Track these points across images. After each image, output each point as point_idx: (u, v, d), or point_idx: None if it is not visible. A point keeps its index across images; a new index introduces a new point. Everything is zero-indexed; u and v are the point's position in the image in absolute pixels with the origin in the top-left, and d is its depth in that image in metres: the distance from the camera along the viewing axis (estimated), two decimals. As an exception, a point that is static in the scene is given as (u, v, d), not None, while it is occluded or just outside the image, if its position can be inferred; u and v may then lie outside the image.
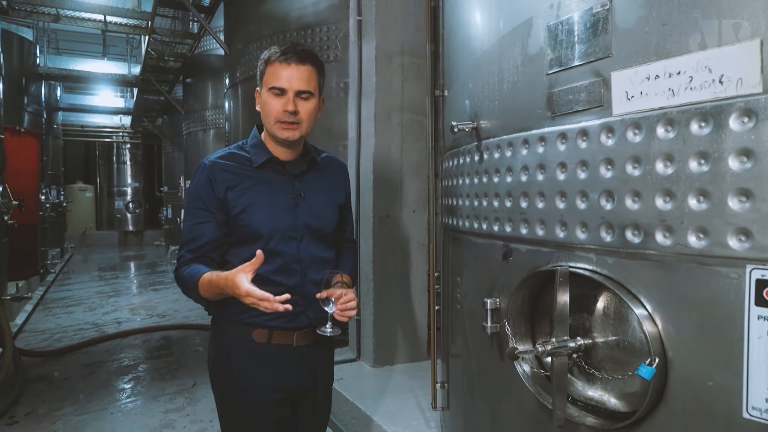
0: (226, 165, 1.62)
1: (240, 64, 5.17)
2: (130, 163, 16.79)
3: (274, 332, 1.63)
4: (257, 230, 1.57)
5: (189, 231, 1.60)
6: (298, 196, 1.64)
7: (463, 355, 2.07)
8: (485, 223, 1.77)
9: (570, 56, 1.37)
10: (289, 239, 1.61)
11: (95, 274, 10.60)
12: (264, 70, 1.60)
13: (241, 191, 1.59)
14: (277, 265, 1.59)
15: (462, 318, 2.04)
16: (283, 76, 1.54)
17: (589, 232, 1.33)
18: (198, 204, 1.59)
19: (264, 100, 1.60)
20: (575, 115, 1.37)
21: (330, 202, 1.73)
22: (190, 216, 1.61)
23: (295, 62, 1.55)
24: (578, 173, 1.35)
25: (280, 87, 1.55)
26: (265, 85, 1.58)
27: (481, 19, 1.81)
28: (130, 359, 4.91)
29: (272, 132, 1.60)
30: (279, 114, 1.56)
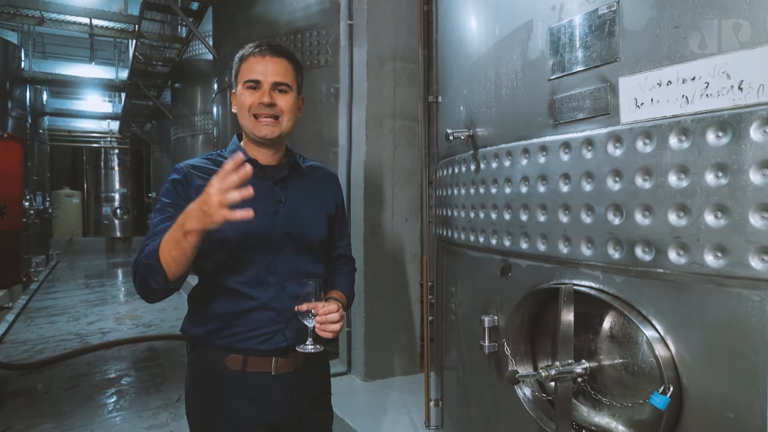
0: (200, 167, 1.50)
1: (229, 69, 5.06)
2: (118, 168, 16.58)
3: (249, 358, 1.46)
4: (226, 236, 1.41)
5: (154, 227, 1.40)
6: (278, 202, 1.51)
7: (458, 369, 1.98)
8: (482, 236, 1.68)
9: (574, 61, 1.29)
10: (263, 248, 1.47)
11: (81, 282, 10.39)
12: (239, 68, 1.50)
13: None
14: (248, 275, 1.46)
15: (457, 329, 1.95)
16: (257, 68, 1.46)
17: (595, 248, 1.24)
18: (168, 201, 1.44)
19: (239, 95, 1.49)
20: (579, 124, 1.29)
21: (316, 211, 1.59)
22: (158, 212, 1.45)
23: (269, 55, 1.47)
24: (583, 185, 1.27)
25: (255, 79, 1.45)
26: (239, 81, 1.49)
27: (477, 22, 1.73)
28: (113, 372, 4.76)
29: (250, 131, 1.48)
30: (254, 106, 1.45)
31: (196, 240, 1.24)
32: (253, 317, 1.45)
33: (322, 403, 1.66)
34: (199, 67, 8.29)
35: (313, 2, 4.30)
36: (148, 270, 1.30)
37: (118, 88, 11.08)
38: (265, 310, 1.47)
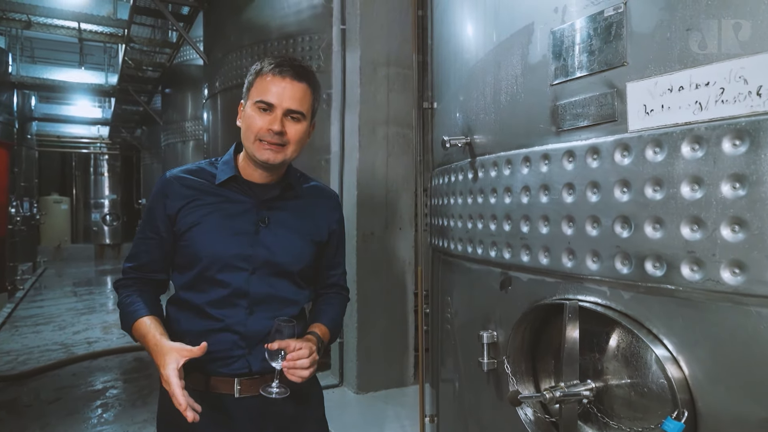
0: (187, 179, 1.43)
1: (219, 74, 5.00)
2: (108, 174, 16.40)
3: (211, 378, 1.39)
4: (197, 252, 1.37)
5: (134, 246, 1.48)
6: (261, 222, 1.42)
7: (454, 381, 1.91)
8: (480, 248, 1.61)
9: (578, 65, 1.23)
10: (235, 269, 1.39)
11: (68, 289, 10.21)
12: (253, 81, 1.39)
13: (192, 208, 1.40)
14: (216, 295, 1.39)
15: (453, 339, 1.88)
16: (273, 90, 1.34)
17: (601, 262, 1.18)
18: (148, 218, 1.45)
19: (247, 114, 1.38)
20: (584, 131, 1.23)
21: (303, 236, 1.48)
22: (139, 230, 1.48)
23: (290, 77, 1.35)
24: (588, 196, 1.20)
25: (268, 102, 1.34)
26: (251, 98, 1.38)
27: (474, 26, 1.67)
28: (99, 383, 4.64)
29: (251, 151, 1.38)
30: (262, 132, 1.35)
31: None
32: (216, 338, 1.37)
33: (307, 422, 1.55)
34: (190, 72, 8.19)
35: (305, 7, 4.24)
36: (122, 322, 1.42)
37: (107, 93, 10.94)
38: (228, 332, 1.39)
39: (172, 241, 1.42)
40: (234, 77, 4.76)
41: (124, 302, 1.42)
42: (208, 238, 1.38)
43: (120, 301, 1.43)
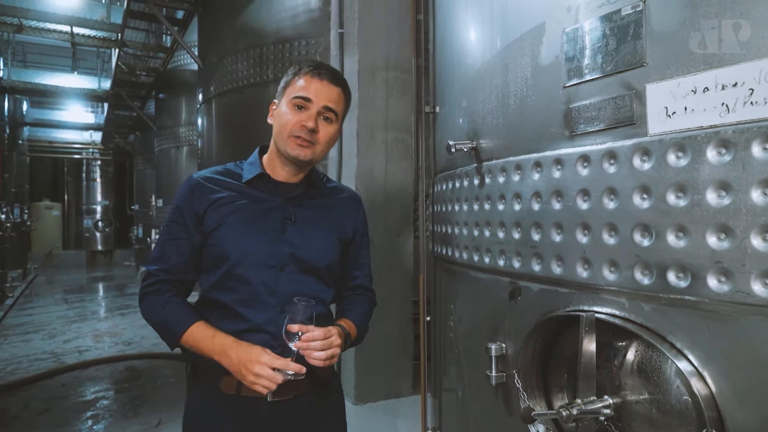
0: (213, 179, 1.46)
1: (214, 79, 4.93)
2: (101, 180, 16.26)
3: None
4: (225, 250, 1.38)
5: (161, 247, 1.44)
6: (288, 219, 1.43)
7: (457, 391, 1.85)
8: (487, 256, 1.55)
9: (593, 66, 1.18)
10: (264, 266, 1.39)
11: (59, 297, 10.05)
12: (290, 81, 1.45)
13: (219, 206, 1.41)
14: (244, 294, 1.38)
15: (456, 348, 1.82)
16: (311, 88, 1.40)
17: (619, 272, 1.12)
18: (175, 218, 1.43)
19: (281, 111, 1.43)
20: (600, 135, 1.18)
21: (328, 233, 1.50)
22: (165, 230, 1.45)
23: (327, 79, 1.42)
24: (605, 202, 1.15)
25: (306, 97, 1.40)
26: (287, 95, 1.43)
27: (480, 27, 1.62)
28: (90, 394, 4.53)
29: (283, 147, 1.42)
30: (296, 127, 1.39)
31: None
32: (247, 339, 1.34)
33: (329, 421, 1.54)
34: (184, 77, 8.13)
35: (301, 11, 4.19)
36: (164, 332, 1.37)
37: (100, 99, 10.84)
38: (259, 332, 1.37)
39: (200, 241, 1.42)
40: (229, 81, 4.69)
41: (164, 309, 1.37)
42: (235, 235, 1.38)
43: (156, 308, 1.37)
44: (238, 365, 1.26)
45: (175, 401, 4.30)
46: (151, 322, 1.39)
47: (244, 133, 4.53)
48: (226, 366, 1.29)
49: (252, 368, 1.24)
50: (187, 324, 1.34)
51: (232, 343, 1.30)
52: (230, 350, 1.28)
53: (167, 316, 1.35)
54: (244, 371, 1.25)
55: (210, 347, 1.31)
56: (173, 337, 1.35)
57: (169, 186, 8.69)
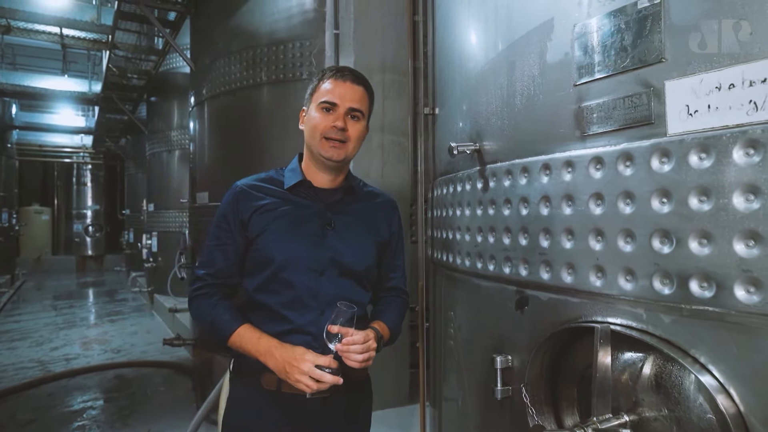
0: (257, 185, 1.54)
1: (207, 81, 4.84)
2: (91, 184, 16.08)
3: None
4: (270, 255, 1.46)
5: (208, 252, 1.54)
6: (327, 225, 1.51)
7: (457, 401, 1.78)
8: (492, 263, 1.48)
9: (607, 63, 1.12)
10: (306, 270, 1.46)
11: (48, 303, 9.89)
12: (316, 87, 1.53)
13: (262, 212, 1.50)
14: (288, 297, 1.46)
15: (456, 355, 1.76)
16: (336, 91, 1.48)
17: (636, 281, 1.05)
18: (221, 224, 1.52)
19: (311, 116, 1.52)
20: (614, 135, 1.11)
21: (366, 237, 1.57)
22: (212, 236, 1.54)
23: (350, 80, 1.50)
24: (621, 207, 1.08)
25: (331, 101, 1.47)
26: (314, 100, 1.52)
27: (484, 24, 1.55)
28: (77, 403, 4.41)
29: (317, 150, 1.49)
30: (327, 129, 1.47)
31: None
32: (289, 340, 1.42)
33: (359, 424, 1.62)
34: (176, 80, 8.02)
35: (296, 12, 4.12)
36: (213, 332, 1.48)
37: (91, 102, 10.70)
38: (301, 333, 1.44)
39: (245, 246, 1.50)
40: (222, 84, 4.61)
41: (213, 311, 1.47)
42: (279, 241, 1.45)
43: (205, 311, 1.48)
44: (282, 364, 1.34)
45: (165, 411, 4.19)
46: (201, 322, 1.51)
47: (238, 136, 4.44)
48: (270, 366, 1.37)
49: (298, 365, 1.31)
50: (235, 326, 1.43)
51: (276, 344, 1.38)
52: (275, 351, 1.36)
53: (216, 319, 1.45)
54: (288, 369, 1.33)
55: (256, 348, 1.39)
56: (222, 337, 1.45)
57: (161, 190, 8.56)
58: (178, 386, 4.81)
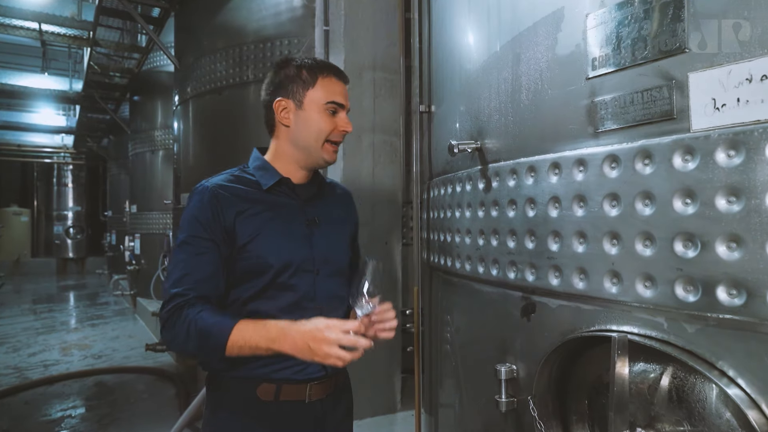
0: (232, 187, 1.36)
1: (191, 79, 4.72)
2: (73, 185, 15.72)
3: (282, 387, 1.33)
4: (266, 261, 1.33)
5: (182, 266, 1.29)
6: (312, 222, 1.42)
7: (454, 407, 1.71)
8: (495, 268, 1.40)
9: (623, 54, 1.04)
10: (304, 272, 1.37)
11: (26, 307, 9.61)
12: (315, 84, 1.38)
13: (248, 217, 1.35)
14: (287, 301, 1.35)
15: (454, 360, 1.69)
16: (340, 92, 1.40)
17: (656, 287, 0.98)
18: (197, 231, 1.31)
19: (312, 118, 1.37)
20: (630, 132, 1.04)
21: (344, 232, 1.52)
22: (185, 246, 1.30)
23: (345, 82, 1.43)
24: (639, 208, 1.01)
25: (341, 103, 1.39)
26: (317, 100, 1.37)
27: (487, 16, 1.48)
28: (56, 411, 4.24)
29: (318, 155, 1.39)
30: (335, 133, 1.39)
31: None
32: None
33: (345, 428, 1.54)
34: (160, 79, 7.85)
35: (284, 9, 4.03)
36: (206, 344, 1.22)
37: (72, 101, 10.44)
38: None
39: (228, 254, 1.32)
40: (207, 82, 4.49)
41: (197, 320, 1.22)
42: (274, 245, 1.34)
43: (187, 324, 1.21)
44: (303, 343, 1.17)
45: (148, 419, 4.06)
46: (187, 343, 1.22)
47: (223, 135, 4.33)
48: (287, 350, 1.19)
49: (324, 336, 1.16)
50: (231, 324, 1.21)
51: (288, 324, 1.21)
52: (290, 331, 1.19)
53: (204, 326, 1.21)
54: (313, 345, 1.16)
55: (266, 336, 1.20)
56: (218, 344, 1.20)
57: (144, 191, 8.38)
58: (162, 393, 4.67)
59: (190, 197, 1.35)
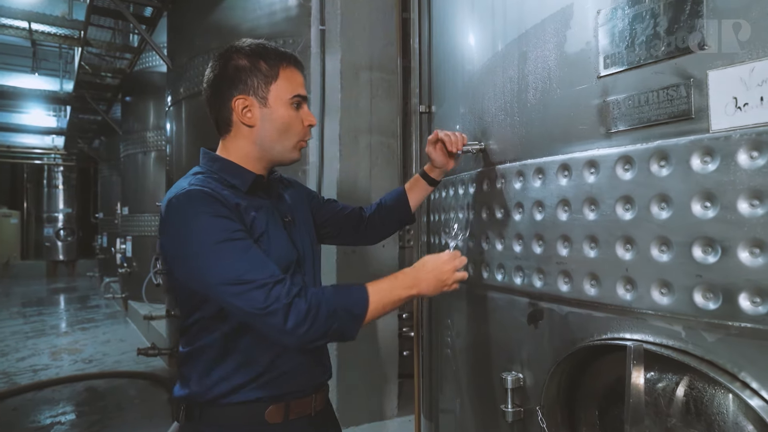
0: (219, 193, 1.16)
1: (184, 80, 4.65)
2: (63, 187, 15.54)
3: (291, 404, 1.24)
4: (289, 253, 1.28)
5: (247, 258, 1.09)
6: (288, 223, 1.33)
7: (455, 413, 1.66)
8: (500, 273, 1.36)
9: (637, 51, 1.00)
10: (302, 271, 1.31)
11: (15, 310, 9.46)
12: (275, 76, 1.23)
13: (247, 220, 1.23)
14: None
15: (454, 364, 1.65)
16: (302, 82, 1.29)
17: (673, 294, 0.94)
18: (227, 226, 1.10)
19: (279, 115, 1.24)
20: (644, 132, 1.00)
21: (309, 223, 1.45)
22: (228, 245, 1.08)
23: (303, 70, 1.31)
24: (654, 212, 0.97)
25: (305, 95, 1.29)
26: (282, 95, 1.24)
27: (491, 13, 1.44)
28: (45, 418, 4.15)
29: (288, 153, 1.28)
30: (305, 131, 1.30)
31: None
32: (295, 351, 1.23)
33: None
34: (153, 79, 7.76)
35: (279, 9, 3.97)
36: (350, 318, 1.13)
37: (62, 101, 10.31)
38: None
39: None
40: (200, 83, 4.39)
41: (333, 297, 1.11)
42: (276, 245, 1.23)
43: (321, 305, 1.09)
44: (434, 278, 1.22)
45: (140, 425, 3.98)
46: (330, 323, 1.09)
47: (216, 135, 4.27)
48: (423, 290, 1.22)
49: (451, 264, 1.24)
50: (364, 289, 1.16)
51: (413, 269, 1.24)
52: (420, 273, 1.22)
53: (339, 302, 1.11)
54: (442, 277, 1.23)
55: (402, 285, 1.20)
56: (361, 312, 1.14)
57: (136, 193, 8.27)
58: (154, 398, 4.59)
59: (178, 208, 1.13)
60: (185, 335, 1.25)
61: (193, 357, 1.22)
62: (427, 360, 2.01)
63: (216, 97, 1.25)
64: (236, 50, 1.24)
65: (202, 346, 1.21)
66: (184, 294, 1.21)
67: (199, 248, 1.08)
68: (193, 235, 1.09)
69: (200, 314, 1.20)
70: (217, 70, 1.24)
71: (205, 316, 1.19)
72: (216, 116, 1.28)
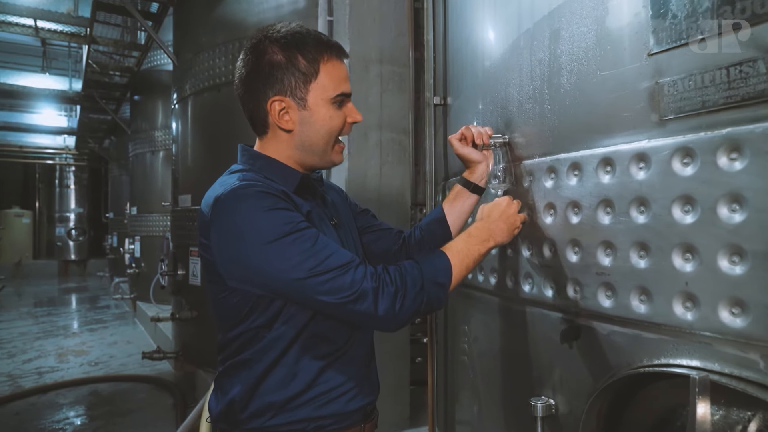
0: (273, 185, 1.07)
1: (190, 76, 4.53)
2: (75, 187, 15.58)
3: None
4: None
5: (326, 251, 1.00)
6: (336, 225, 1.22)
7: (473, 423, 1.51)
8: (527, 283, 1.20)
9: (700, 22, 0.84)
10: None
11: (25, 311, 9.45)
12: (315, 74, 1.09)
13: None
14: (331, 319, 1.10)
15: (472, 372, 1.50)
16: (346, 77, 1.14)
17: (748, 315, 0.77)
18: (290, 218, 1.00)
19: (319, 116, 1.10)
20: (708, 117, 0.83)
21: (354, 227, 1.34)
22: (302, 237, 0.99)
23: (346, 57, 1.16)
24: (724, 214, 0.80)
25: (349, 93, 1.14)
26: (323, 95, 1.10)
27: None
28: (48, 423, 4.05)
29: (327, 156, 1.16)
30: (347, 129, 1.16)
31: None
32: (343, 360, 1.14)
33: None
34: (160, 78, 7.67)
35: (286, 1, 3.84)
36: (437, 291, 1.05)
37: (71, 100, 10.27)
38: (359, 345, 1.20)
39: None
40: (207, 78, 4.31)
41: (417, 269, 1.04)
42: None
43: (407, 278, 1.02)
44: (503, 224, 1.17)
45: (145, 430, 3.87)
46: (419, 297, 1.02)
47: (223, 134, 4.15)
48: (498, 240, 1.16)
49: (515, 210, 1.19)
50: (443, 253, 1.09)
51: (483, 222, 1.18)
52: (490, 225, 1.16)
53: (424, 275, 1.04)
54: (509, 221, 1.18)
55: (478, 240, 1.13)
56: (447, 280, 1.07)
57: (144, 193, 8.20)
58: (159, 403, 4.48)
59: (230, 206, 1.01)
60: (226, 350, 1.13)
61: (237, 368, 1.11)
62: (442, 367, 1.86)
63: (250, 95, 1.12)
64: (271, 41, 1.08)
65: (246, 359, 1.09)
66: (228, 304, 1.08)
67: (265, 245, 0.97)
68: (255, 232, 0.98)
69: (246, 326, 1.08)
70: (249, 66, 1.10)
71: (253, 326, 1.07)
72: (250, 116, 1.16)
